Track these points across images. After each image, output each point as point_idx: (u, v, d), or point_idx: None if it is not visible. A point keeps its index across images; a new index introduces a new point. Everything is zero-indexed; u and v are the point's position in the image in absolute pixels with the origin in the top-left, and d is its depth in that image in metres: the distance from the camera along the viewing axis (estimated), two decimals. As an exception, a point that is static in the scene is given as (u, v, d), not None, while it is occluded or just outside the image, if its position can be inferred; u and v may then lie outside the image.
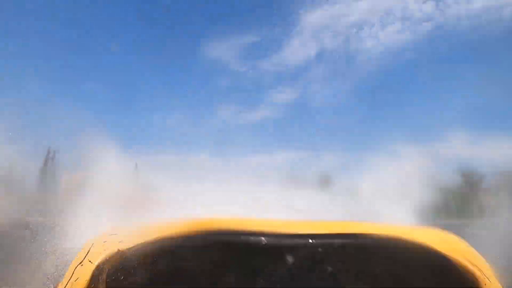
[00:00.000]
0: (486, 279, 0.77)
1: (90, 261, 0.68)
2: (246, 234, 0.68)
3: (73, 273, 0.67)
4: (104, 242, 0.70)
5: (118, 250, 0.69)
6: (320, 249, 0.69)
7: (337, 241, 0.71)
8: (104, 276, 0.67)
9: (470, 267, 0.77)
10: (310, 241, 0.69)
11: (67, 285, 0.66)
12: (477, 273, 0.76)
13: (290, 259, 0.68)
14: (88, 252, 0.69)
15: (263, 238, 0.67)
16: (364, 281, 0.70)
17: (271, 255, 0.68)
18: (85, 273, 0.67)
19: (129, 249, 0.68)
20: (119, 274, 0.67)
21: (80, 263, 0.68)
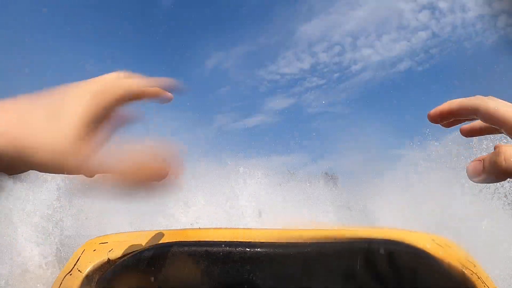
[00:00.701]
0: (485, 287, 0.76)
1: (79, 270, 0.67)
2: (238, 245, 0.67)
3: (61, 282, 0.66)
4: (94, 251, 0.69)
5: (108, 259, 0.68)
6: (313, 258, 0.68)
7: (330, 247, 0.69)
8: (93, 285, 0.66)
9: (468, 274, 0.75)
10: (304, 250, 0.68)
11: None
12: (475, 281, 0.75)
13: (283, 269, 0.67)
14: (77, 261, 0.68)
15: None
16: (355, 287, 0.69)
17: (263, 266, 0.67)
18: (74, 282, 0.66)
19: (119, 258, 0.68)
20: (108, 283, 0.66)
21: (69, 272, 0.67)
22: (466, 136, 0.47)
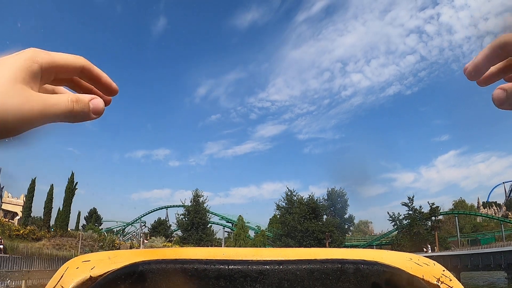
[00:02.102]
0: None
1: (62, 286, 0.70)
2: (213, 262, 0.70)
3: None
4: (77, 268, 0.73)
5: (90, 276, 0.71)
6: (287, 275, 0.71)
7: (304, 266, 0.72)
8: None
9: (444, 287, 0.78)
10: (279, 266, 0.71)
11: None
12: None
13: (257, 287, 0.70)
14: (61, 278, 0.72)
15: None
16: None
17: (237, 283, 0.70)
18: None
19: (100, 275, 0.71)
20: None
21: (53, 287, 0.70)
22: (482, 85, 0.45)
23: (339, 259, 0.74)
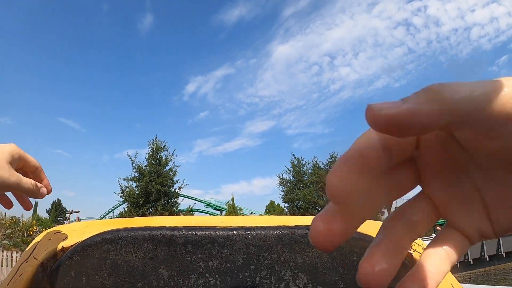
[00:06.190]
0: None
1: (35, 257, 0.72)
2: (181, 228, 0.72)
3: (17, 269, 0.71)
4: (49, 239, 0.74)
5: (62, 247, 0.73)
6: (254, 241, 0.72)
7: (272, 232, 0.73)
8: (48, 272, 0.72)
9: (416, 256, 0.78)
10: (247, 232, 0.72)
11: (11, 281, 0.70)
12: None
13: (224, 252, 0.72)
14: (34, 249, 0.73)
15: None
16: (301, 271, 0.73)
17: (205, 249, 0.71)
18: (29, 269, 0.71)
19: (72, 245, 0.73)
20: (62, 270, 0.71)
21: (26, 260, 0.72)
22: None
23: (308, 226, 0.75)
